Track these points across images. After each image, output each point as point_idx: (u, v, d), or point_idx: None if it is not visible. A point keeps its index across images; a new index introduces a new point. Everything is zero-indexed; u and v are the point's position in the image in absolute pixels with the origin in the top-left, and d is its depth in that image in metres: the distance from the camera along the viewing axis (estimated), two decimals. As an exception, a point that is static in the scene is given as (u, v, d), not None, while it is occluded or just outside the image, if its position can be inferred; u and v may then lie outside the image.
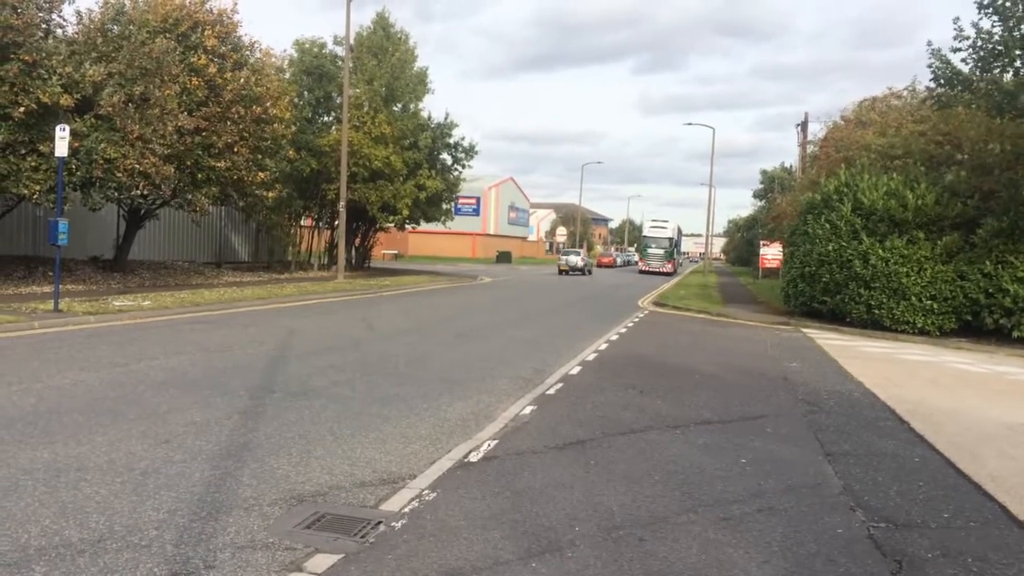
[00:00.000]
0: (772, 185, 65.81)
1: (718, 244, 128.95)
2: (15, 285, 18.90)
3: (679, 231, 75.00)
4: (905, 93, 31.29)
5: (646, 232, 67.63)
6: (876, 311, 19.94)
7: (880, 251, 19.82)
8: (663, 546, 5.03)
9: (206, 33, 23.24)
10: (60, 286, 15.39)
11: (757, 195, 74.99)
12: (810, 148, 42.12)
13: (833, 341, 18.17)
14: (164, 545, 4.59)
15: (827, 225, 21.20)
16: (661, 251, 63.93)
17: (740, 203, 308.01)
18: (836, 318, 21.23)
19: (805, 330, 20.37)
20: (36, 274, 20.69)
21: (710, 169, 62.11)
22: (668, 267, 62.83)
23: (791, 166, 63.59)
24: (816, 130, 40.71)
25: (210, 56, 23.09)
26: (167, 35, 21.62)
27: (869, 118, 30.96)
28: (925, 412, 10.07)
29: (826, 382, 12.15)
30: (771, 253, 43.22)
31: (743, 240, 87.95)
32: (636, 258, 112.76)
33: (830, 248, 20.84)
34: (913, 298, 19.41)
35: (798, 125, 50.05)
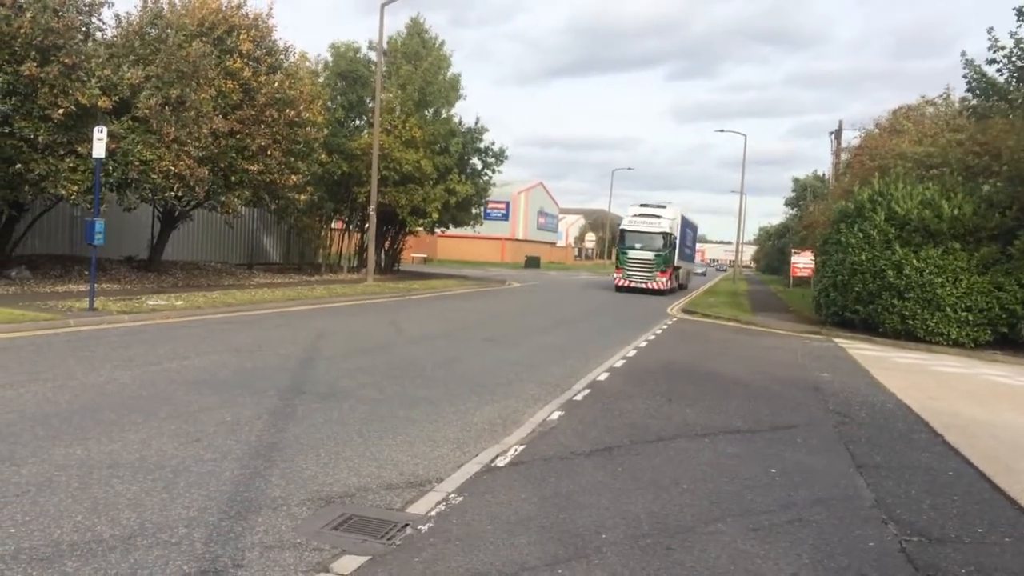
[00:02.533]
0: (804, 193, 65.14)
1: (748, 252, 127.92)
2: (52, 283, 19.22)
3: (683, 222, 42.50)
4: (939, 101, 30.88)
5: (626, 223, 38.69)
6: (910, 322, 19.67)
7: (915, 261, 19.55)
8: (691, 556, 4.99)
9: (241, 37, 23.50)
10: (95, 285, 15.61)
11: (789, 203, 74.29)
12: (844, 156, 41.67)
13: (865, 351, 17.94)
14: (194, 543, 4.63)
15: (860, 234, 20.95)
16: (649, 255, 37.12)
17: (771, 211, 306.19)
18: (869, 328, 20.97)
19: (837, 340, 20.13)
20: (72, 273, 21.02)
21: (741, 176, 57.89)
22: (660, 281, 36.88)
23: (824, 174, 62.92)
24: (850, 138, 40.30)
25: (245, 60, 23.34)
26: (203, 39, 21.89)
27: (904, 126, 30.57)
28: (960, 425, 9.91)
29: (858, 393, 12.00)
30: (802, 262, 42.84)
31: (774, 248, 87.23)
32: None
33: (863, 257, 20.59)
34: (948, 309, 19.13)
35: (832, 133, 49.52)
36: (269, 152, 23.44)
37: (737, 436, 8.49)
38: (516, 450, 7.21)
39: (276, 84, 23.92)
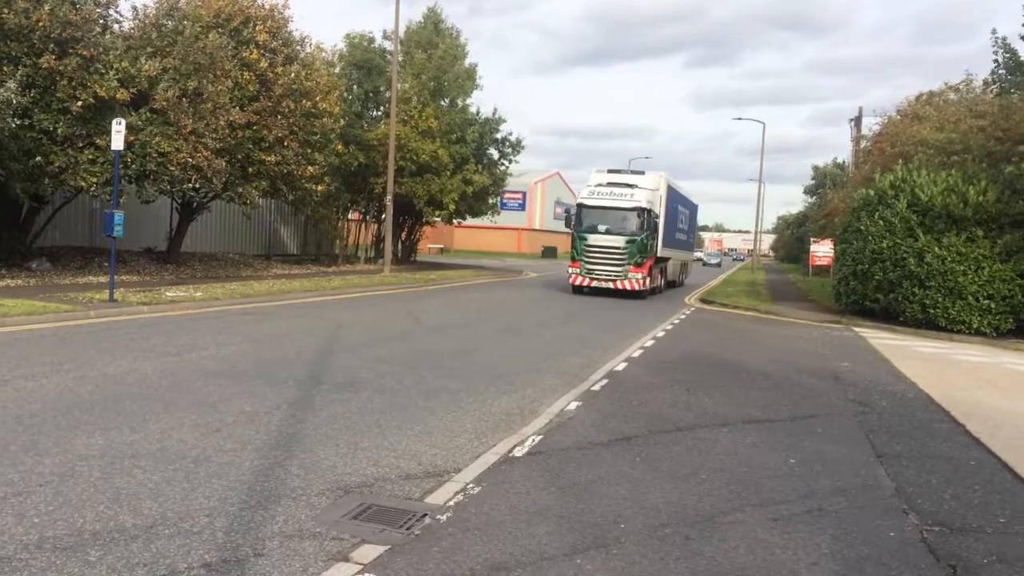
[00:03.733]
0: (824, 181, 64.63)
1: (767, 241, 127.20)
2: (72, 275, 19.40)
3: (671, 195, 30.08)
4: (962, 87, 30.49)
5: (585, 196, 27.13)
6: (931, 310, 19.48)
7: (936, 249, 19.35)
8: (710, 545, 4.97)
9: (258, 28, 23.55)
10: (115, 277, 15.74)
11: (808, 191, 73.79)
12: (864, 143, 41.27)
13: (886, 340, 17.80)
14: (215, 532, 4.66)
15: (881, 222, 20.76)
16: (618, 242, 25.93)
17: (791, 199, 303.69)
18: (889, 317, 20.80)
19: (857, 329, 19.99)
20: (92, 264, 21.20)
21: (760, 164, 57.27)
22: (635, 279, 25.96)
23: (844, 162, 62.41)
24: (871, 125, 39.87)
25: (261, 51, 23.39)
26: (219, 30, 21.95)
27: (925, 113, 30.22)
28: (981, 414, 9.81)
29: (878, 382, 11.90)
30: (822, 250, 42.47)
31: (793, 237, 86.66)
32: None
33: (884, 245, 20.40)
34: (970, 297, 18.93)
35: (852, 120, 49.07)
36: (286, 143, 23.50)
37: (756, 426, 8.45)
38: (534, 440, 7.21)
39: (292, 75, 23.98)
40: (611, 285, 25.89)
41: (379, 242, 38.10)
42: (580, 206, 26.68)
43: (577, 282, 26.47)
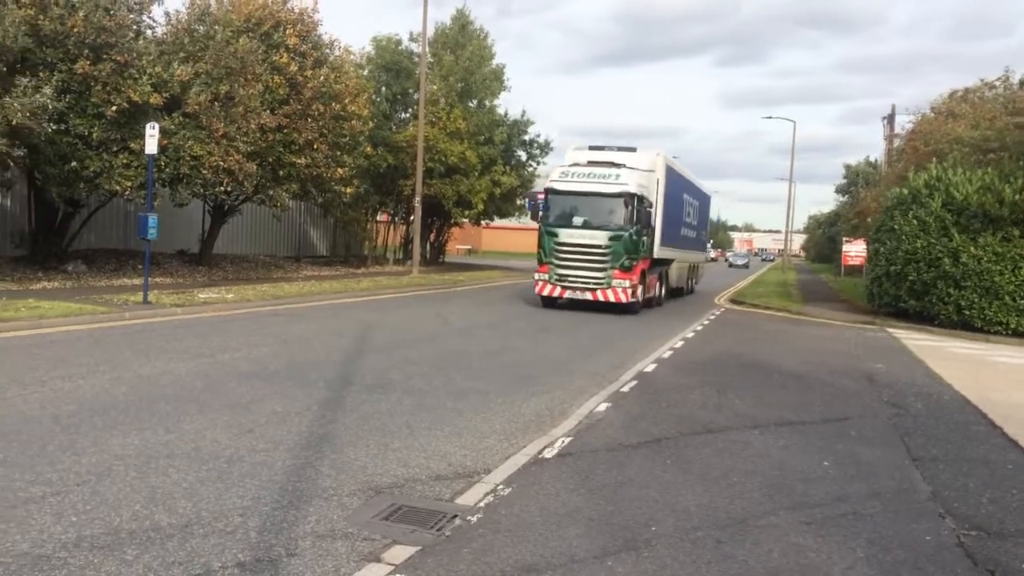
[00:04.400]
0: (856, 180, 63.87)
1: (797, 240, 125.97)
2: (107, 277, 19.69)
3: (672, 180, 23.44)
4: (998, 84, 29.98)
5: (556, 179, 20.80)
6: (967, 311, 19.16)
7: (972, 249, 19.03)
8: (742, 549, 4.93)
9: (287, 32, 23.77)
10: (149, 279, 15.96)
11: (839, 190, 72.91)
12: (896, 142, 40.75)
13: (920, 342, 17.54)
14: (248, 532, 4.70)
15: (915, 221, 20.45)
16: (599, 239, 19.76)
17: (821, 199, 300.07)
18: (924, 318, 20.48)
19: (890, 330, 19.72)
20: (127, 267, 21.51)
21: (790, 164, 56.44)
22: (622, 287, 19.71)
23: (876, 160, 61.64)
24: (903, 123, 39.33)
25: (291, 54, 23.60)
26: (250, 34, 22.17)
27: (960, 110, 29.75)
28: (1019, 416, 9.63)
29: (913, 384, 11.73)
30: (854, 250, 42.04)
31: (824, 236, 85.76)
32: (712, 254, 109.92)
33: (918, 245, 20.10)
34: (1007, 297, 18.59)
35: (884, 118, 48.51)
36: (315, 146, 23.69)
37: (789, 428, 8.36)
38: (563, 442, 7.20)
39: (322, 78, 24.16)
40: (589, 296, 19.69)
41: (407, 243, 38.27)
42: (549, 192, 20.46)
43: (545, 291, 20.16)
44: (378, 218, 39.59)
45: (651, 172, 21.56)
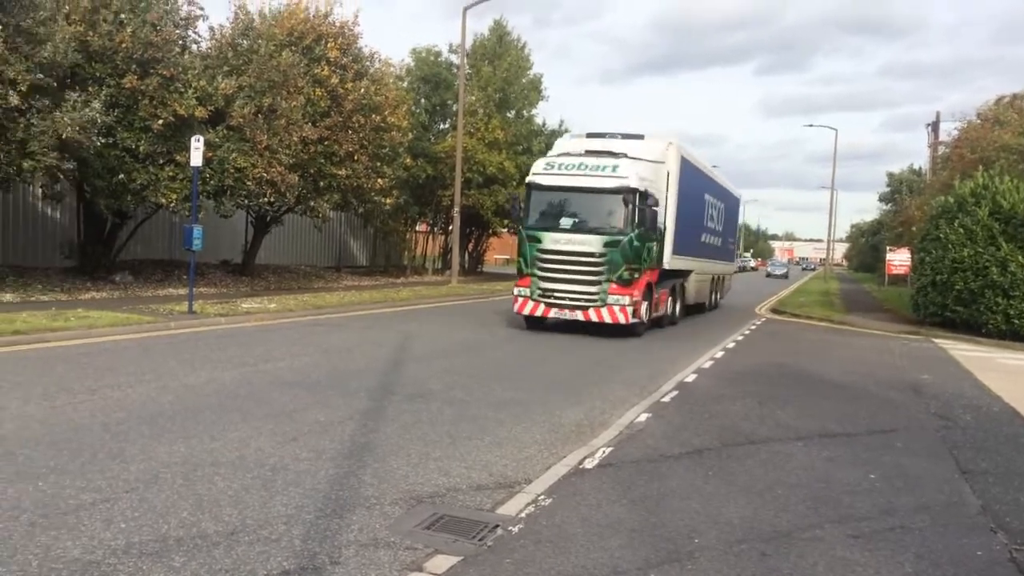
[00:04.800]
0: (899, 188, 62.84)
1: (840, 249, 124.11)
2: (153, 287, 20.07)
3: (687, 174, 19.39)
4: (1048, 89, 29.33)
5: (539, 171, 17.04)
6: (1015, 321, 18.74)
7: (1020, 258, 18.63)
8: (787, 562, 4.86)
9: (329, 45, 24.07)
10: (193, 289, 16.23)
11: (883, 198, 71.75)
12: (942, 149, 40.03)
13: (968, 352, 17.18)
14: (292, 540, 4.75)
15: (961, 230, 20.07)
16: (592, 245, 16.20)
17: (864, 207, 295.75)
18: (971, 328, 20.06)
19: (936, 340, 19.34)
20: (172, 277, 21.89)
21: (832, 172, 55.34)
22: (619, 304, 16.08)
23: (920, 168, 60.59)
24: (949, 130, 38.60)
25: (332, 67, 23.88)
26: (292, 48, 22.50)
27: (1007, 117, 29.15)
28: (1073, 430, 9.38)
29: (961, 396, 11.49)
30: (898, 259, 41.33)
31: (867, 245, 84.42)
32: (752, 264, 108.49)
33: (965, 254, 19.72)
34: (1058, 307, 18.15)
35: (928, 125, 47.66)
36: (356, 157, 23.93)
37: (833, 439, 8.24)
38: (604, 452, 7.17)
39: (362, 90, 24.43)
40: (579, 316, 16.29)
41: (446, 253, 38.45)
42: (531, 187, 16.89)
43: (527, 309, 16.69)
44: (417, 228, 39.84)
45: (660, 164, 17.90)
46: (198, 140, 15.49)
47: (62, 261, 20.86)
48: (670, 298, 19.47)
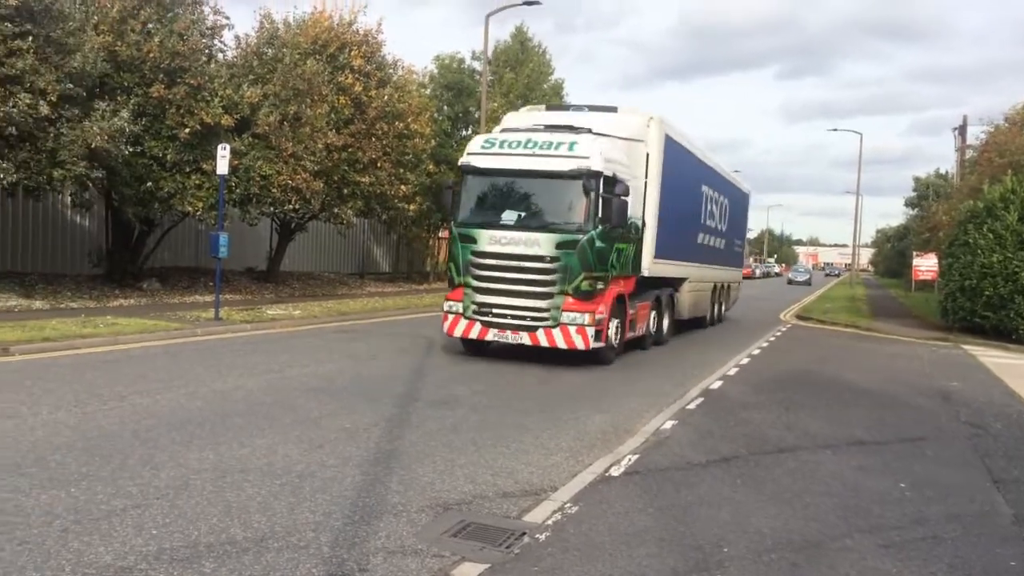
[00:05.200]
0: (926, 193, 62.19)
1: (865, 255, 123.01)
2: (180, 294, 20.26)
3: (669, 155, 15.29)
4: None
5: (475, 152, 13.19)
6: (1047, 327, 18.45)
7: (1051, 262, 18.36)
8: (817, 572, 4.81)
9: (352, 53, 24.23)
10: (220, 295, 16.36)
11: (909, 203, 71.05)
12: (969, 153, 39.58)
13: (997, 359, 16.94)
14: (321, 547, 4.77)
15: (990, 235, 19.82)
16: (542, 247, 12.32)
17: (890, 212, 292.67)
18: (1000, 334, 19.78)
19: (965, 347, 19.09)
20: (198, 284, 22.09)
21: (857, 177, 54.58)
22: (576, 324, 12.21)
23: (947, 172, 59.95)
24: (976, 133, 38.16)
25: (356, 75, 24.03)
26: (317, 56, 22.65)
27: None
28: (1108, 438, 9.22)
29: (992, 403, 11.33)
30: (925, 265, 40.81)
31: (893, 251, 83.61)
32: (776, 269, 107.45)
33: (994, 259, 19.47)
34: (1090, 313, 17.86)
35: (955, 129, 47.17)
36: (379, 164, 24.06)
37: (862, 448, 8.16)
38: (630, 459, 7.14)
39: (385, 98, 24.57)
40: (525, 339, 12.47)
41: (469, 260, 38.40)
42: (465, 171, 13.28)
43: (459, 330, 12.87)
44: (440, 235, 39.94)
45: (636, 143, 14.39)
46: (224, 148, 15.64)
47: (90, 268, 21.09)
48: (653, 313, 15.78)
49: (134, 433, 7.05)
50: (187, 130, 18.09)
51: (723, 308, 23.21)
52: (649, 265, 14.75)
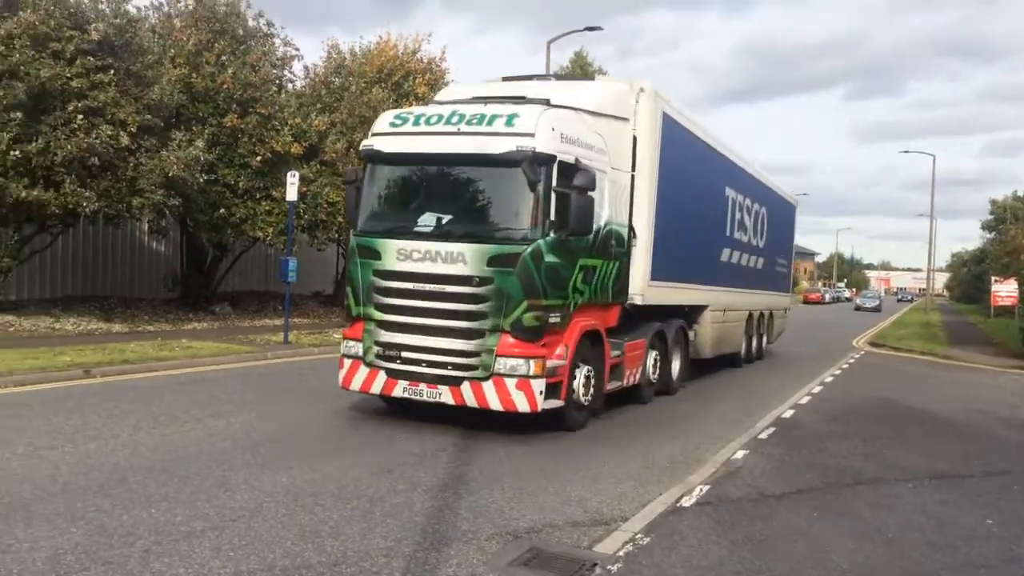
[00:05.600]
0: (1004, 215, 60.17)
1: (940, 279, 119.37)
2: (250, 318, 20.71)
3: (669, 139, 11.21)
4: None
5: (381, 128, 9.39)
6: None
7: None
8: (904, 612, 4.63)
9: (417, 81, 24.59)
10: (289, 319, 16.66)
11: (986, 226, 68.76)
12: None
13: (1085, 388, 16.21)
14: (393, 572, 4.77)
15: (1075, 258, 19.06)
16: (472, 261, 8.40)
17: (965, 235, 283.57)
18: (1088, 362, 18.96)
19: (1050, 375, 18.33)
20: (267, 308, 22.55)
21: (931, 199, 52.76)
22: (516, 377, 8.22)
23: (1026, 194, 57.88)
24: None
25: (421, 102, 24.36)
26: (382, 85, 23.08)
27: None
28: None
29: (1082, 435, 10.82)
30: (1005, 290, 39.37)
31: (970, 275, 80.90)
32: (846, 294, 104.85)
33: (1079, 284, 18.70)
34: None
35: (1033, 148, 45.58)
36: (443, 189, 24.27)
37: (944, 481, 7.85)
38: (701, 490, 6.99)
39: (450, 124, 24.82)
40: (446, 395, 8.62)
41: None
42: (368, 157, 9.57)
43: (357, 381, 9.16)
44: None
45: (617, 120, 10.45)
46: (294, 175, 16.00)
47: (166, 292, 21.72)
48: (654, 353, 11.70)
49: (210, 455, 7.19)
50: (258, 158, 18.59)
51: (763, 341, 19.06)
52: (642, 289, 10.76)
